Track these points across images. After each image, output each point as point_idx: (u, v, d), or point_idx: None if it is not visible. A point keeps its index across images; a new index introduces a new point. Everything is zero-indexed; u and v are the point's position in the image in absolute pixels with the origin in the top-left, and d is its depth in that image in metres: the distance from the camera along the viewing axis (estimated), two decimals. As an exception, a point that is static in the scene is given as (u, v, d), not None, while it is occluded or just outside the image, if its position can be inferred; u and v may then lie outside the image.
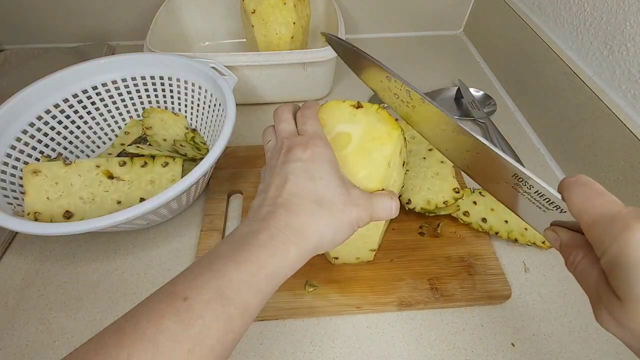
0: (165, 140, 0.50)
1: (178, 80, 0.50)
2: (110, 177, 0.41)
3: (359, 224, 0.27)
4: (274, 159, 0.28)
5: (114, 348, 0.18)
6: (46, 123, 0.45)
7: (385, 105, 0.33)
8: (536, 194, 0.23)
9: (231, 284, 0.21)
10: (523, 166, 0.24)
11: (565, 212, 0.22)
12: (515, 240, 0.43)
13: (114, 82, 0.49)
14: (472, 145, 0.26)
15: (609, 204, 0.19)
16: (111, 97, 0.50)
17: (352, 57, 0.32)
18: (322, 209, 0.25)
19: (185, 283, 0.21)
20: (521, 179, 0.23)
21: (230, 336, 0.21)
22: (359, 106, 0.32)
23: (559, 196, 0.22)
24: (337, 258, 0.40)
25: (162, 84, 0.51)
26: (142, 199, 0.41)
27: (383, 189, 0.29)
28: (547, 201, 0.23)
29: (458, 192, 0.43)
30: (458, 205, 0.45)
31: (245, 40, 0.68)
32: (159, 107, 0.53)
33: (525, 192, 0.24)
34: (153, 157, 0.43)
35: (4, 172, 0.40)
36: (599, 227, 0.19)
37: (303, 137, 0.28)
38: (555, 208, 0.22)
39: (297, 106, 0.32)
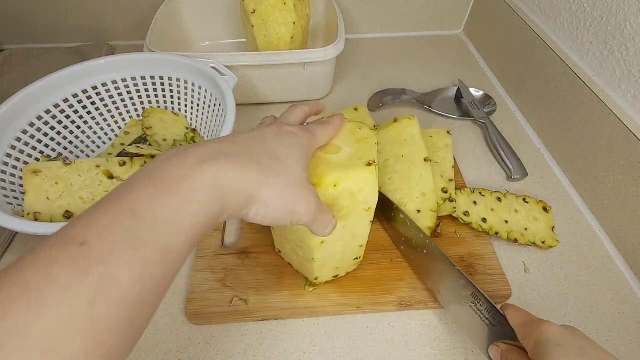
0: (165, 140, 0.50)
1: (178, 80, 0.50)
2: (111, 177, 0.41)
3: (296, 218, 0.24)
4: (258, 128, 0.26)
5: None
6: (46, 123, 0.45)
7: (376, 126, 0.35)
8: (486, 310, 0.32)
9: (145, 222, 0.17)
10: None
11: (504, 327, 0.31)
12: (515, 241, 0.43)
13: (114, 82, 0.49)
14: (444, 263, 0.36)
15: (531, 315, 0.30)
16: (111, 97, 0.50)
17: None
18: (273, 165, 0.22)
19: (85, 224, 0.17)
20: (477, 297, 0.33)
21: (150, 283, 0.17)
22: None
23: (501, 311, 0.32)
24: (317, 278, 0.38)
25: (162, 84, 0.51)
26: (142, 199, 0.41)
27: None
28: (493, 317, 0.32)
29: (446, 192, 0.45)
30: (454, 207, 0.45)
31: (245, 40, 0.68)
32: (159, 107, 0.53)
33: (477, 310, 0.33)
34: (153, 157, 0.43)
35: (4, 172, 0.40)
36: (525, 327, 0.29)
37: (301, 126, 0.27)
38: (498, 323, 0.32)
39: (313, 110, 0.32)
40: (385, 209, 0.43)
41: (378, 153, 0.34)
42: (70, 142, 0.48)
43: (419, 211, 0.43)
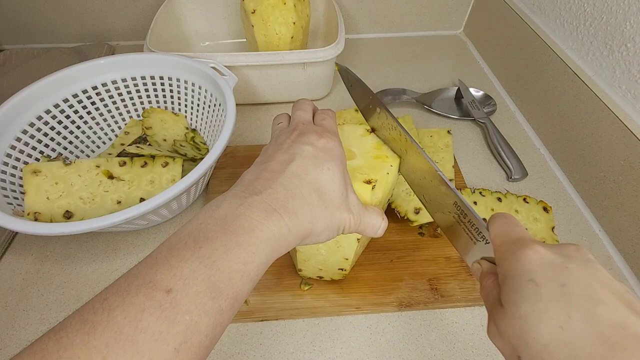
0: (165, 140, 0.50)
1: (178, 80, 0.50)
2: (110, 177, 0.41)
3: (345, 230, 0.26)
4: (283, 137, 0.27)
5: (83, 348, 0.15)
6: (46, 123, 0.45)
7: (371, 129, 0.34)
8: (469, 223, 0.26)
9: (222, 274, 0.19)
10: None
11: (488, 243, 0.25)
12: (515, 240, 0.43)
13: (114, 82, 0.49)
14: (427, 169, 0.29)
15: (519, 232, 0.23)
16: (111, 97, 0.50)
17: (359, 90, 0.33)
18: (320, 200, 0.24)
19: (168, 270, 0.18)
20: (459, 207, 0.26)
21: (219, 329, 0.19)
22: (372, 130, 0.33)
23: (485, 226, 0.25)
24: (301, 270, 0.38)
25: (162, 84, 0.51)
26: (142, 199, 0.41)
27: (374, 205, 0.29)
28: (477, 231, 0.25)
29: None
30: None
31: (245, 40, 0.68)
32: (159, 107, 0.53)
33: (461, 221, 0.26)
34: (153, 157, 0.43)
35: (4, 172, 0.40)
36: (504, 247, 0.22)
37: (319, 127, 0.27)
38: (482, 238, 0.25)
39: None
40: (361, 100, 0.35)
41: (395, 179, 0.33)
42: (70, 142, 0.48)
43: (417, 211, 0.43)
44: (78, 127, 0.49)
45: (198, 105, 0.51)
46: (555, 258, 0.20)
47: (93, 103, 0.49)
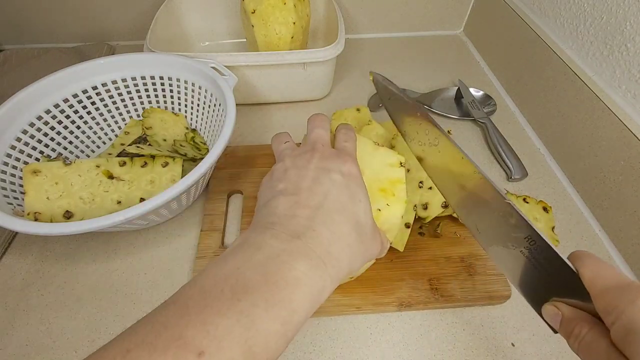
0: (165, 140, 0.50)
1: (178, 80, 0.50)
2: (110, 177, 0.41)
3: (370, 259, 0.25)
4: (302, 160, 0.25)
5: None
6: (46, 123, 0.45)
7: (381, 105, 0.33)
8: (545, 260, 0.22)
9: (260, 336, 0.17)
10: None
11: (572, 280, 0.21)
12: (515, 240, 0.43)
13: (114, 82, 0.49)
14: (491, 197, 0.25)
15: (621, 275, 0.20)
16: (111, 97, 0.50)
17: (394, 100, 0.32)
18: (358, 236, 0.23)
19: (202, 326, 0.16)
20: (534, 242, 0.23)
21: None
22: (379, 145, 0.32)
23: (570, 264, 0.22)
24: None
25: (162, 84, 0.51)
26: (142, 199, 0.41)
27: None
28: (555, 268, 0.22)
29: None
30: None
31: (245, 40, 0.68)
32: (159, 107, 0.53)
33: (533, 257, 0.23)
34: (153, 157, 0.43)
35: (4, 172, 0.40)
36: (610, 294, 0.19)
37: (338, 151, 0.26)
38: (562, 277, 0.22)
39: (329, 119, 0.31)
40: (404, 121, 0.32)
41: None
42: (70, 142, 0.48)
43: (425, 207, 0.43)
44: (78, 127, 0.49)
45: (198, 105, 0.51)
46: None
47: (93, 103, 0.49)
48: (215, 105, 0.47)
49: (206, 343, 0.15)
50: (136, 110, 0.53)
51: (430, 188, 0.43)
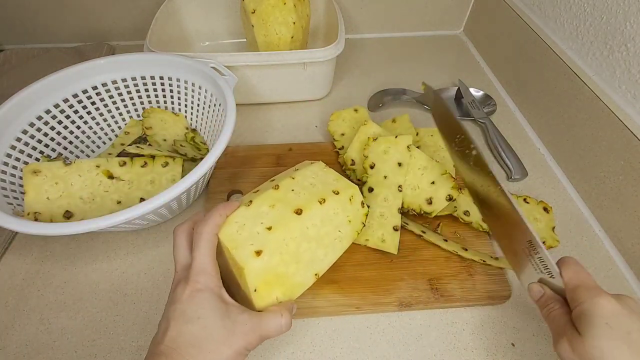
0: (165, 140, 0.50)
1: (178, 80, 0.50)
2: (110, 177, 0.41)
3: (248, 349, 0.28)
4: (172, 286, 0.29)
5: None
6: (46, 123, 0.45)
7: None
8: (539, 259, 0.31)
9: None
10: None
11: (553, 277, 0.30)
12: (515, 240, 0.43)
13: (114, 82, 0.49)
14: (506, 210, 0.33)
15: (589, 279, 0.29)
16: (111, 97, 0.50)
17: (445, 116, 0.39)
18: (202, 351, 0.25)
19: None
20: (533, 247, 0.31)
21: None
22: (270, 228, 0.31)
23: (556, 268, 0.30)
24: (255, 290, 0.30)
25: (162, 84, 0.51)
26: (142, 199, 0.41)
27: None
28: (544, 266, 0.31)
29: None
30: (455, 206, 0.45)
31: (245, 40, 0.68)
32: (159, 107, 0.53)
33: (530, 256, 0.32)
34: (153, 157, 0.43)
35: (4, 172, 0.40)
36: (579, 290, 0.28)
37: (188, 271, 0.28)
38: (548, 273, 0.31)
39: (196, 220, 0.31)
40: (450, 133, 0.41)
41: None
42: (70, 142, 0.48)
43: (430, 201, 0.43)
44: (78, 127, 0.49)
45: (198, 105, 0.51)
46: (622, 309, 0.26)
47: (93, 103, 0.49)
48: (215, 105, 0.47)
49: None
50: (136, 110, 0.53)
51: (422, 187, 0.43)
